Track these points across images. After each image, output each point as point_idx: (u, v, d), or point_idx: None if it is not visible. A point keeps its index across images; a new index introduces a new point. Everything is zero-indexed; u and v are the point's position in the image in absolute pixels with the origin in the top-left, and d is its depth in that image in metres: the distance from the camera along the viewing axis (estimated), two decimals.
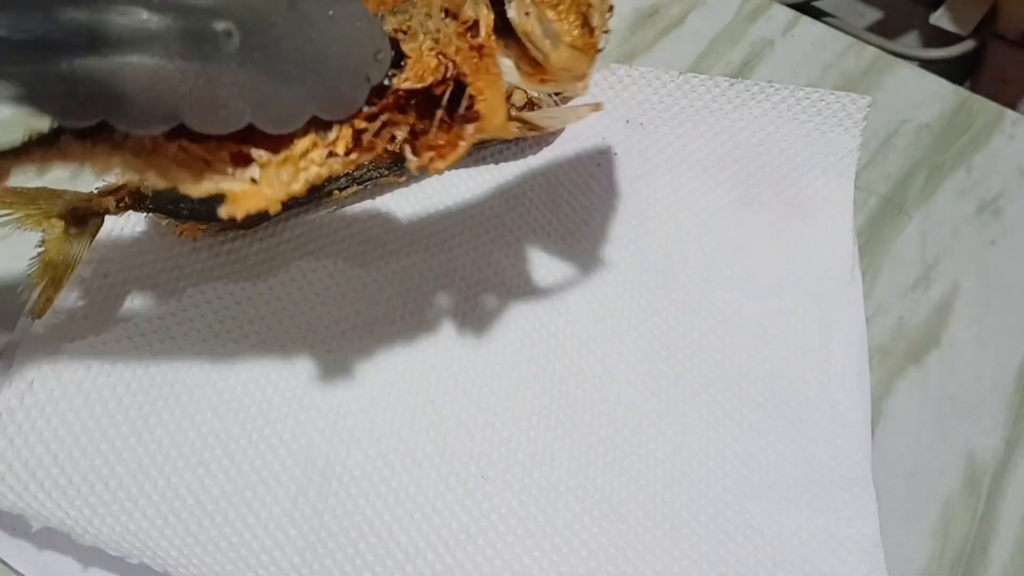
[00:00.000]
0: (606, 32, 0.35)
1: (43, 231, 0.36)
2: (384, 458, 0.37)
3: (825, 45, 0.57)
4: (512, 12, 0.33)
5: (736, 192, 0.47)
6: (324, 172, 0.31)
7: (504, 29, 0.33)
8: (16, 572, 0.34)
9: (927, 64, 0.64)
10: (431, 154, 0.32)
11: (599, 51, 0.34)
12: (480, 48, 0.32)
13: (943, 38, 0.83)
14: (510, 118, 0.34)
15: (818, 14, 0.80)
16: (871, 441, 0.40)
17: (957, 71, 0.84)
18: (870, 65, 0.56)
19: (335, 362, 0.39)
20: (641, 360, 0.41)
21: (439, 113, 0.31)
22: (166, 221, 0.40)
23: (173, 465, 0.35)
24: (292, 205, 0.42)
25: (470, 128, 0.32)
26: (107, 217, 0.39)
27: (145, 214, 0.40)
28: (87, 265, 0.39)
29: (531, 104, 0.45)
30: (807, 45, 0.56)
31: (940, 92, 0.55)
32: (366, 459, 0.37)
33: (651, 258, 0.44)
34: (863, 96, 0.47)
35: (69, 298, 0.38)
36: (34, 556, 0.34)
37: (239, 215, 0.29)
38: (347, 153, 0.30)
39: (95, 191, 0.38)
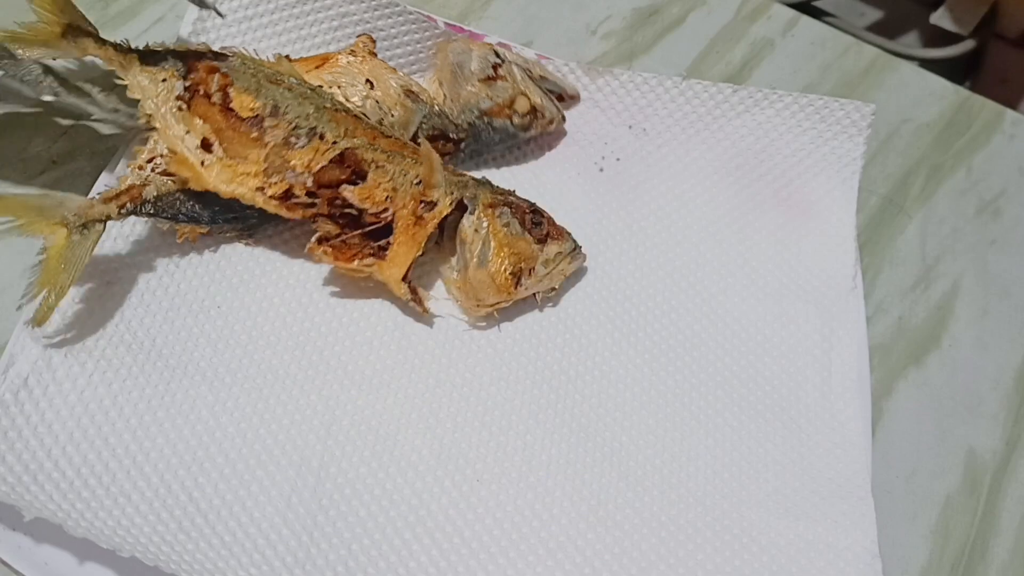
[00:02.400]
0: (539, 293, 0.42)
1: (45, 238, 0.36)
2: (379, 460, 0.37)
3: (825, 45, 0.57)
4: (467, 220, 0.41)
5: (738, 199, 0.47)
6: (248, 198, 0.39)
7: (454, 227, 0.41)
8: (15, 572, 0.34)
9: (927, 64, 0.64)
10: (327, 251, 0.40)
11: (511, 296, 0.41)
12: (421, 219, 0.40)
13: (943, 38, 0.83)
14: (406, 279, 0.40)
15: (818, 14, 0.80)
16: (871, 452, 0.40)
17: (957, 71, 0.84)
18: (870, 65, 0.56)
19: (331, 364, 0.39)
20: (640, 366, 0.41)
21: (358, 232, 0.40)
22: (167, 225, 0.41)
23: (167, 462, 0.35)
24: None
25: (368, 260, 0.40)
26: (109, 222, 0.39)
27: (146, 219, 0.40)
28: (88, 267, 0.39)
29: (533, 111, 0.45)
30: (807, 45, 0.56)
31: (940, 92, 0.55)
32: (361, 460, 0.37)
33: (652, 263, 0.44)
34: (867, 104, 0.47)
35: (68, 298, 0.38)
36: (31, 554, 0.34)
37: (173, 171, 0.39)
38: (271, 198, 0.39)
39: (97, 196, 0.38)
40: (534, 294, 0.42)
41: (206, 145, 0.39)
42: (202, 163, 0.39)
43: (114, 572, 0.34)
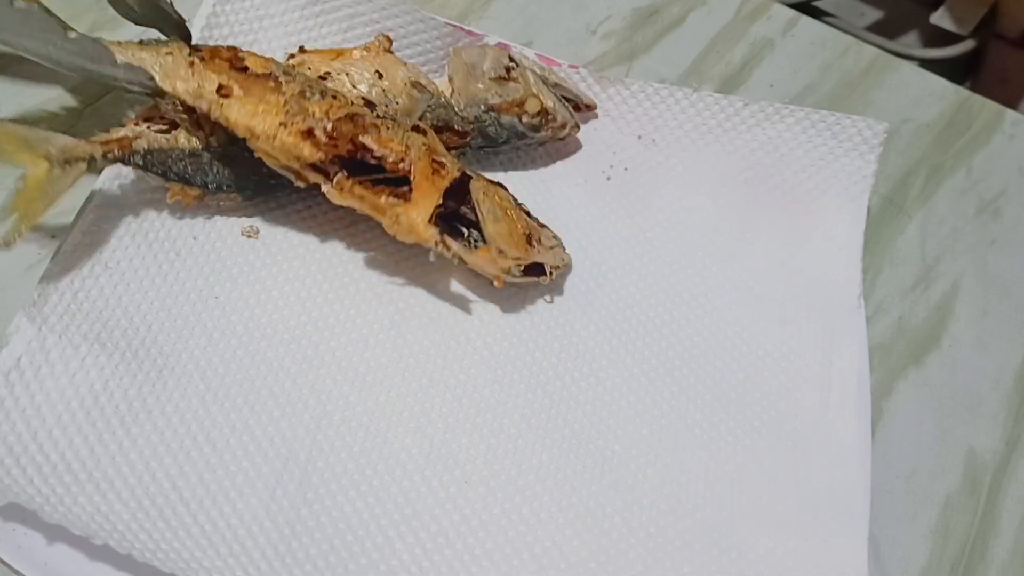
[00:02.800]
0: (552, 269, 0.42)
1: (26, 169, 0.36)
2: (367, 456, 0.37)
3: (825, 45, 0.57)
4: (475, 183, 0.41)
5: (745, 213, 0.47)
6: (270, 133, 0.38)
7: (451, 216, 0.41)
8: (15, 572, 0.34)
9: (927, 64, 0.64)
10: (354, 185, 0.39)
11: (528, 254, 0.40)
12: (437, 172, 0.39)
13: (943, 38, 0.84)
14: (433, 221, 0.39)
15: (818, 14, 0.80)
16: (871, 467, 0.39)
17: (957, 71, 0.84)
18: (870, 65, 0.56)
19: (325, 359, 0.39)
20: (637, 375, 0.41)
21: (379, 176, 0.39)
22: (156, 183, 0.40)
23: (153, 449, 0.35)
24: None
25: (394, 200, 0.39)
26: (108, 197, 0.40)
27: (136, 175, 0.40)
28: (86, 250, 0.39)
29: (544, 113, 0.45)
30: (807, 45, 0.56)
31: (940, 92, 0.55)
32: (349, 456, 0.37)
33: (656, 273, 0.44)
34: (880, 122, 0.46)
35: (64, 281, 0.38)
36: (31, 554, 0.34)
37: (190, 101, 0.39)
38: (293, 134, 0.39)
39: (84, 140, 0.38)
40: (541, 278, 0.41)
41: (223, 92, 0.39)
42: (221, 105, 0.39)
43: (115, 571, 0.34)
